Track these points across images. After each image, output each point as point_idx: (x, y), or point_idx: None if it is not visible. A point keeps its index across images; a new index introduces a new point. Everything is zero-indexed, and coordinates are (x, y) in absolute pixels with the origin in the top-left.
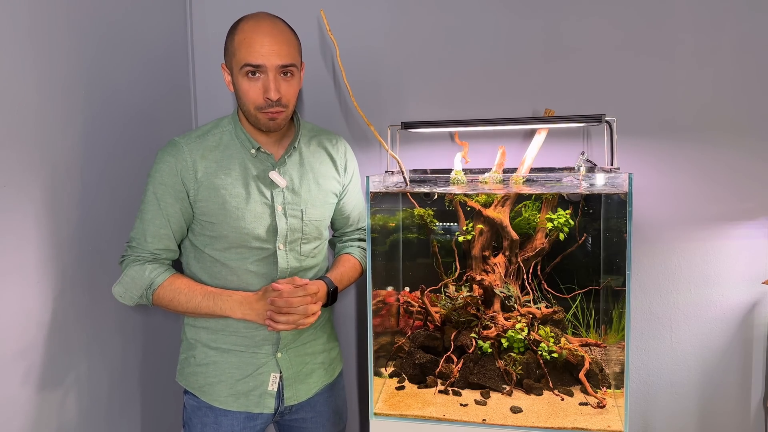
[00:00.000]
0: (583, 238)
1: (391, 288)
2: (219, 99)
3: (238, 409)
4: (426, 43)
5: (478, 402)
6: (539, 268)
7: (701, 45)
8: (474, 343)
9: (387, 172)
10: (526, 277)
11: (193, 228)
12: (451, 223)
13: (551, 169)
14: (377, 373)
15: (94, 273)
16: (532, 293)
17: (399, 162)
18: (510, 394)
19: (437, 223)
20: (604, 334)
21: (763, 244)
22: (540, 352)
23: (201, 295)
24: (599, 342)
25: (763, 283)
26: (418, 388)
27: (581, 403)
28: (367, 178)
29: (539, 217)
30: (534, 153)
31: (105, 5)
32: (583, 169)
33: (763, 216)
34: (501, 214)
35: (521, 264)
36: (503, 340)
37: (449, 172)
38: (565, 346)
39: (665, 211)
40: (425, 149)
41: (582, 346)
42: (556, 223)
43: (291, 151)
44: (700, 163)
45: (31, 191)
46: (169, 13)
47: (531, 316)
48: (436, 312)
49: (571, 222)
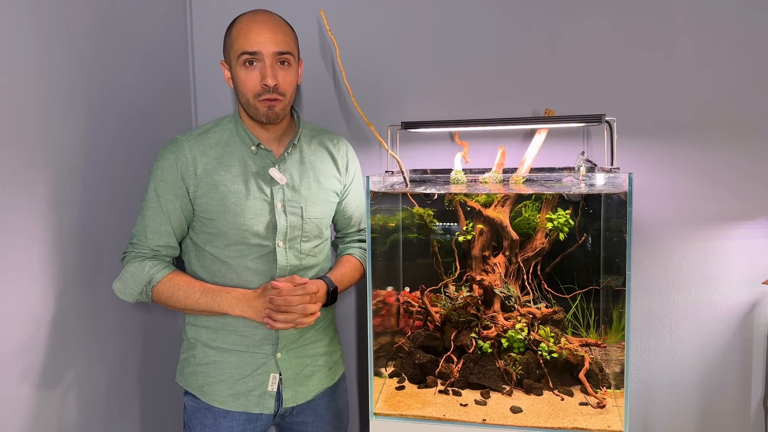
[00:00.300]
0: (583, 238)
1: (391, 288)
2: (219, 97)
3: (238, 409)
4: (426, 43)
5: (478, 402)
6: (539, 268)
7: (701, 45)
8: (474, 343)
9: (387, 172)
10: (526, 277)
11: (194, 226)
12: (451, 223)
13: (551, 169)
14: (377, 373)
15: (95, 272)
16: (532, 293)
17: (399, 162)
18: (510, 394)
19: (437, 223)
20: (604, 334)
21: (763, 244)
22: (540, 352)
23: (199, 291)
24: (599, 342)
25: (763, 283)
26: (418, 388)
27: (581, 403)
28: (367, 178)
29: (539, 217)
30: (534, 153)
31: (105, 5)
32: (583, 169)
33: (763, 216)
34: (501, 214)
35: (521, 264)
36: (503, 340)
37: (449, 172)
38: (565, 346)
39: (665, 211)
40: (425, 149)
41: (582, 346)
42: (556, 223)
43: (291, 149)
44: (700, 163)
45: (32, 190)
46: (170, 13)
47: (531, 316)
48: (436, 312)
49: (571, 222)
